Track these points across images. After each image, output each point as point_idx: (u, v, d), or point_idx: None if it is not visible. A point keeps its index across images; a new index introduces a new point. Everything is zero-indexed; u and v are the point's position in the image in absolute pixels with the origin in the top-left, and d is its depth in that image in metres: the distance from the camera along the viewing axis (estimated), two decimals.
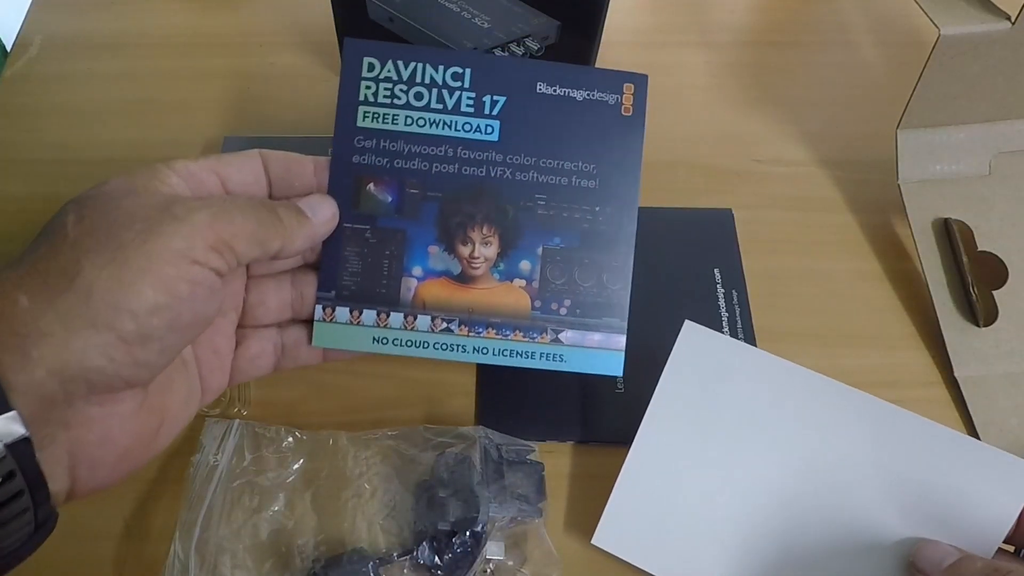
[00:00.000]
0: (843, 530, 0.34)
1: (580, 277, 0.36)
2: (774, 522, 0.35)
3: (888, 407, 0.34)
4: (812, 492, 0.35)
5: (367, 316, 0.35)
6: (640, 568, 0.37)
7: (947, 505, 0.33)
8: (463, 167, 0.35)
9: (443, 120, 0.35)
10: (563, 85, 0.35)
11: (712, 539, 0.36)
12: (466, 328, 0.35)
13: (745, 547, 0.35)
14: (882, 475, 0.34)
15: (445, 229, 0.35)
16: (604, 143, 0.35)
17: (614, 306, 0.36)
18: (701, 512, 0.36)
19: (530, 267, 0.36)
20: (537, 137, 0.35)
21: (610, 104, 0.36)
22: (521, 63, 0.36)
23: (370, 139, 0.35)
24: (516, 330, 0.35)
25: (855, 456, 0.35)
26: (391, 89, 0.35)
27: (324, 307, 0.35)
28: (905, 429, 0.34)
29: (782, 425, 0.35)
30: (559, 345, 0.35)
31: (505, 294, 0.35)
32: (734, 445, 0.36)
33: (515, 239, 0.35)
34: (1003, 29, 0.42)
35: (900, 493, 0.34)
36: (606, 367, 0.36)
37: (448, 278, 0.35)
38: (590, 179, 0.36)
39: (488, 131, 0.35)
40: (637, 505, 0.36)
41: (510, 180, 0.35)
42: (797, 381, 0.35)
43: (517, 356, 0.35)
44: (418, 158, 0.35)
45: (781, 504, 0.35)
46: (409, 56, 0.35)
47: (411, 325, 0.35)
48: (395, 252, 0.35)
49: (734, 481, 0.36)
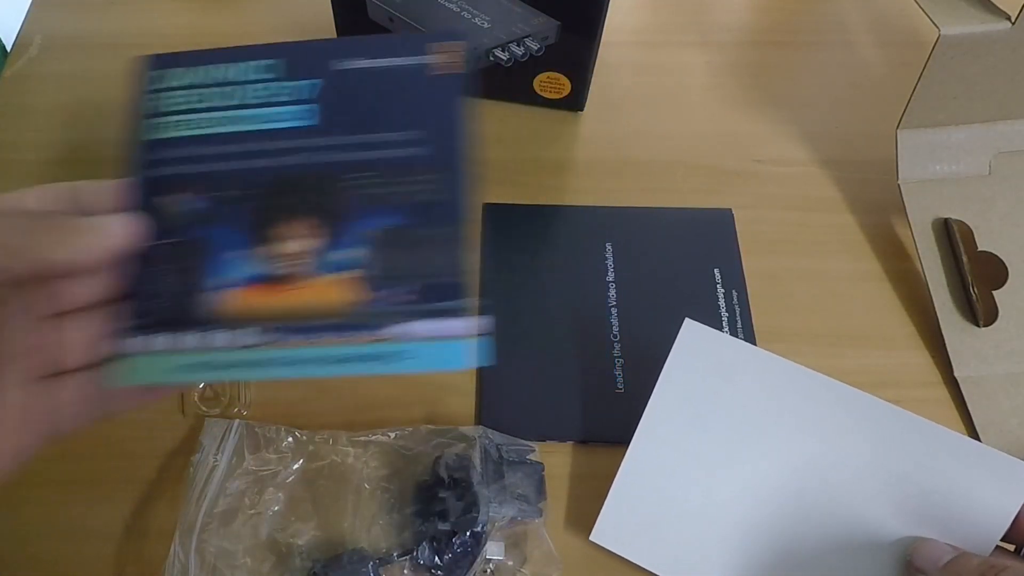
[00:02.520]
0: (841, 528, 0.34)
1: (416, 256, 0.31)
2: (772, 520, 0.35)
3: (887, 407, 0.34)
4: (810, 490, 0.35)
5: (161, 341, 0.30)
6: (638, 565, 0.37)
7: (945, 504, 0.33)
8: (281, 158, 0.32)
9: (255, 115, 0.33)
10: (371, 56, 0.33)
11: (710, 536, 0.36)
12: (272, 338, 0.30)
13: (743, 544, 0.35)
14: (880, 474, 0.34)
15: (260, 228, 0.31)
16: (424, 108, 0.33)
17: (456, 286, 0.30)
18: (699, 509, 0.36)
19: (361, 254, 0.31)
20: (357, 114, 0.33)
21: (420, 66, 0.33)
22: (328, 43, 0.34)
23: (170, 149, 0.33)
24: (333, 331, 0.30)
25: (853, 455, 0.35)
26: (186, 95, 0.33)
27: (124, 337, 0.30)
28: (904, 429, 0.34)
29: (781, 424, 0.35)
30: (387, 343, 0.30)
31: (325, 291, 0.31)
32: (733, 443, 0.36)
33: (342, 225, 0.31)
34: (1003, 29, 0.42)
35: (898, 492, 0.34)
36: (452, 360, 0.29)
37: (264, 283, 0.31)
38: (419, 147, 0.32)
39: (308, 117, 0.33)
40: (636, 502, 0.36)
41: (333, 163, 0.32)
42: (797, 380, 0.35)
43: (332, 364, 0.30)
44: (229, 159, 0.33)
45: (779, 502, 0.35)
46: (202, 60, 0.33)
47: (208, 345, 0.30)
48: (196, 264, 0.31)
49: (733, 479, 0.36)
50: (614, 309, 0.45)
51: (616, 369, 0.43)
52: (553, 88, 0.52)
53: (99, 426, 0.41)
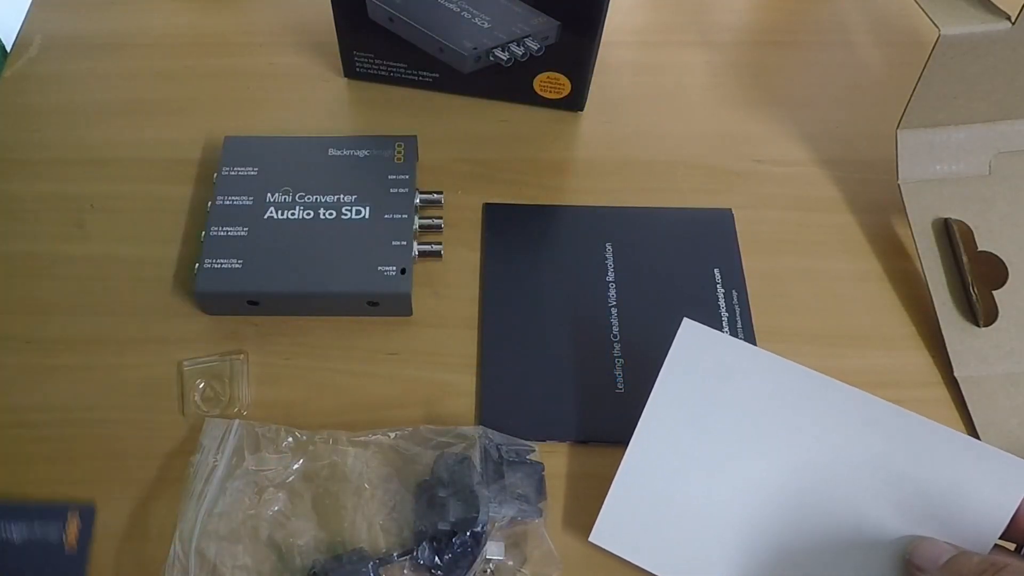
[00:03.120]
0: (840, 527, 0.34)
1: None
2: (772, 519, 0.35)
3: (886, 406, 0.34)
4: (810, 490, 0.35)
5: None
6: (638, 566, 0.37)
7: (943, 503, 0.33)
8: None
9: None
10: None
11: (709, 536, 0.36)
12: None
13: (742, 544, 0.35)
14: (879, 473, 0.34)
15: None
16: None
17: None
18: (699, 509, 0.36)
19: None
20: None
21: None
22: None
23: None
24: None
25: (852, 454, 0.35)
26: None
27: None
28: (902, 427, 0.34)
29: (780, 423, 0.35)
30: None
31: None
32: (732, 442, 0.36)
33: None
34: (1003, 29, 0.42)
35: (897, 491, 0.34)
36: None
37: None
38: None
39: None
40: (635, 502, 0.36)
41: None
42: (796, 379, 0.35)
43: None
44: None
45: (779, 501, 0.35)
46: None
47: None
48: None
49: (732, 478, 0.36)
50: (614, 309, 0.45)
51: (616, 369, 0.43)
52: (553, 88, 0.52)
53: (99, 426, 0.41)
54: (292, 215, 0.45)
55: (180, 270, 0.46)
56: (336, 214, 0.45)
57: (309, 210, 0.45)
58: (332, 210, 0.45)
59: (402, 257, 0.44)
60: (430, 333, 0.45)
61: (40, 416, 0.42)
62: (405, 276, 0.43)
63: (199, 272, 0.43)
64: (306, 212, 0.45)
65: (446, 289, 0.46)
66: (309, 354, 0.44)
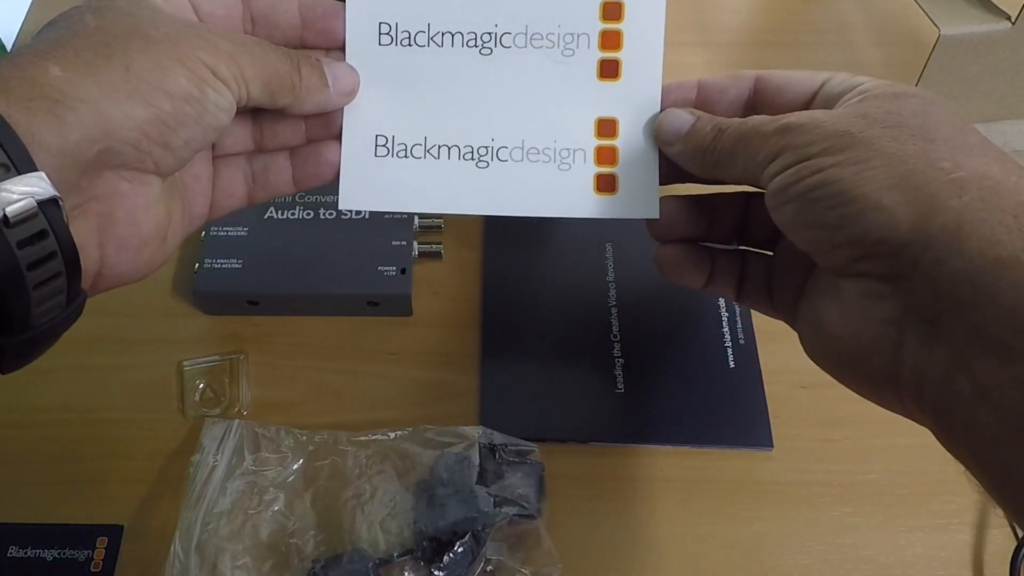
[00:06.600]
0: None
1: None
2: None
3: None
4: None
5: None
6: (394, 212, 0.35)
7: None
8: None
9: None
10: None
11: (444, 164, 0.35)
12: None
13: (469, 169, 0.35)
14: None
15: None
16: None
17: None
18: (427, 142, 0.35)
19: None
20: None
21: None
22: None
23: None
24: None
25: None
26: None
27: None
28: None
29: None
30: None
31: None
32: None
33: None
34: (1003, 29, 0.42)
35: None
36: None
37: None
38: None
39: None
40: (367, 154, 0.34)
41: None
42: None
43: None
44: None
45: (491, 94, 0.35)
46: None
47: None
48: None
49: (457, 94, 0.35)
50: (614, 309, 0.45)
51: (616, 369, 0.43)
52: None
53: (99, 426, 0.41)
54: (292, 215, 0.45)
55: (180, 270, 0.46)
56: (336, 214, 0.45)
57: (309, 210, 0.45)
58: (332, 210, 0.45)
59: (402, 257, 0.44)
60: (430, 333, 0.45)
61: (40, 416, 0.42)
62: (405, 276, 0.43)
63: (199, 272, 0.43)
64: (306, 212, 0.45)
65: (446, 289, 0.46)
66: (309, 354, 0.44)
